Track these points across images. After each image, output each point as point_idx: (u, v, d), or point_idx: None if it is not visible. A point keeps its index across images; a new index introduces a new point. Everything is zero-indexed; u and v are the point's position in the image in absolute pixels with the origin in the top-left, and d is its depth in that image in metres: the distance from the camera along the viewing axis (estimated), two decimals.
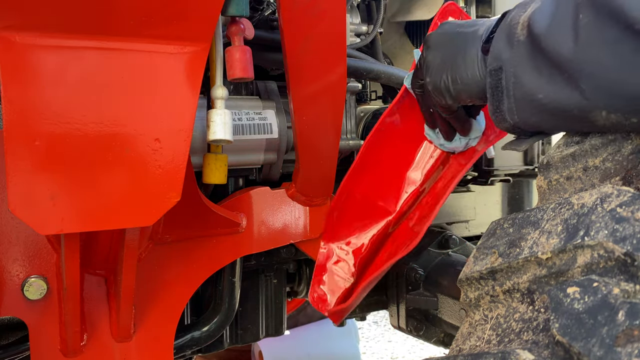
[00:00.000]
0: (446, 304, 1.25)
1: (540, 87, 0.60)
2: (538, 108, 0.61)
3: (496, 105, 0.67)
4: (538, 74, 0.60)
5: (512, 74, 0.64)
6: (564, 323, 0.43)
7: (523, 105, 0.63)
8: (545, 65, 0.59)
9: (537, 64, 0.61)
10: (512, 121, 0.65)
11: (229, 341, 1.23)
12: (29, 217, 0.65)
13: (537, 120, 0.62)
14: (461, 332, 0.60)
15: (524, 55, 0.63)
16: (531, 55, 0.61)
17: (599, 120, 0.55)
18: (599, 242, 0.46)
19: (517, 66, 0.63)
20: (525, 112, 0.63)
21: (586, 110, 0.55)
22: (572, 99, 0.56)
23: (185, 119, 0.71)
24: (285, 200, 1.10)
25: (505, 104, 0.65)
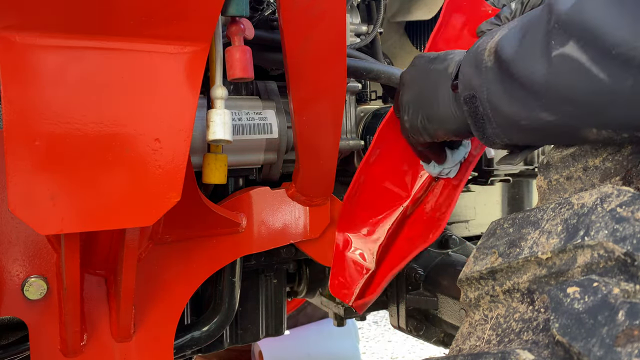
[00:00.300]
0: (446, 304, 1.25)
1: (520, 113, 0.59)
2: (524, 130, 0.61)
3: (481, 131, 0.67)
4: (512, 99, 0.60)
5: (486, 100, 0.63)
6: (564, 323, 0.43)
7: (507, 129, 0.63)
8: (516, 90, 0.59)
9: (507, 88, 0.60)
10: (502, 142, 0.66)
11: (229, 341, 1.23)
12: (29, 217, 0.65)
13: (527, 138, 0.63)
14: (461, 332, 0.60)
15: (493, 80, 0.62)
16: (500, 80, 0.61)
17: (590, 137, 0.55)
18: (599, 242, 0.46)
19: (490, 93, 0.63)
20: (512, 134, 0.63)
21: (575, 128, 0.55)
22: (557, 121, 0.56)
23: (185, 119, 0.71)
24: (285, 200, 1.10)
25: (489, 130, 0.65)
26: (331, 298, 1.40)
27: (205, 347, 1.16)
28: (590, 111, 0.52)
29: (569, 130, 0.56)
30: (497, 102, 0.62)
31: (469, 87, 0.66)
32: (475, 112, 0.65)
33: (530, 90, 0.57)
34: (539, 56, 0.56)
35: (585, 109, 0.52)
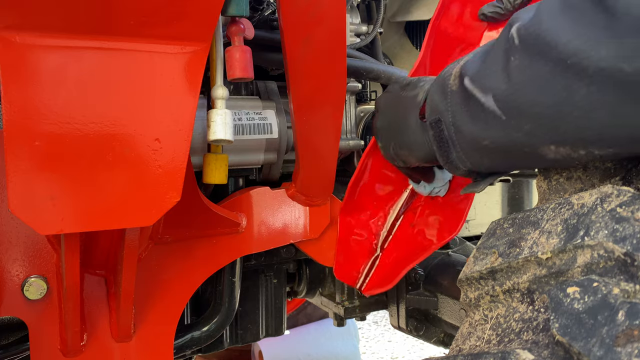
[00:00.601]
0: (446, 304, 1.25)
1: (482, 133, 0.59)
2: (487, 152, 0.61)
3: (445, 155, 0.67)
4: (475, 120, 0.60)
5: (451, 123, 0.64)
6: (564, 323, 0.43)
7: (470, 152, 0.63)
8: (478, 110, 0.59)
9: (470, 109, 0.60)
10: (465, 167, 0.65)
11: (229, 341, 1.23)
12: (29, 217, 0.65)
13: (490, 162, 0.62)
14: (461, 332, 0.60)
15: (458, 104, 0.62)
16: (464, 103, 0.61)
17: (548, 154, 0.55)
18: (599, 242, 0.46)
19: (454, 115, 0.63)
20: (475, 158, 0.63)
21: (534, 146, 0.55)
22: (518, 139, 0.56)
23: (186, 119, 0.71)
24: (285, 200, 1.10)
25: (454, 154, 0.65)
26: (331, 298, 1.40)
27: (205, 347, 1.16)
28: (548, 126, 0.52)
29: (529, 149, 0.56)
30: (461, 124, 0.62)
31: (435, 111, 0.67)
32: (440, 136, 0.66)
33: (492, 108, 0.57)
34: (499, 74, 0.56)
35: (544, 123, 0.52)
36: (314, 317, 2.13)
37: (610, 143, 0.49)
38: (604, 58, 0.45)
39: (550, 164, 0.58)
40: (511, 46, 0.55)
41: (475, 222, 1.56)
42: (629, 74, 0.44)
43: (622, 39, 0.44)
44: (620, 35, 0.44)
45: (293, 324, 2.09)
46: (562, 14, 0.49)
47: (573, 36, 0.47)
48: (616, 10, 0.44)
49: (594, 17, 0.46)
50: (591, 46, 0.46)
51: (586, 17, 0.46)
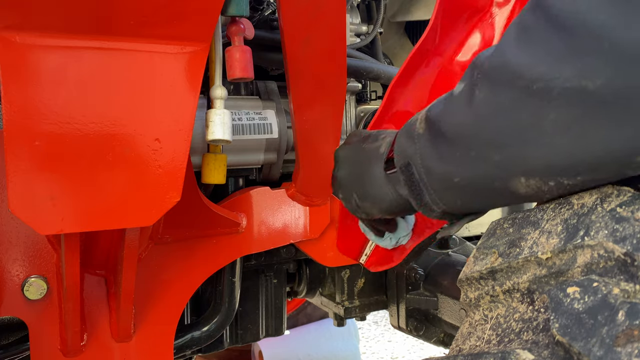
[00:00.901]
0: (446, 304, 1.25)
1: (452, 171, 0.59)
2: (459, 191, 0.60)
3: (419, 199, 0.66)
4: (444, 159, 0.59)
5: (420, 165, 0.63)
6: (564, 323, 0.43)
7: (443, 192, 0.62)
8: (446, 148, 0.59)
9: (438, 149, 0.60)
10: (439, 209, 0.65)
11: (229, 341, 1.23)
12: (29, 217, 0.65)
13: (463, 202, 0.61)
14: (461, 332, 0.60)
15: (426, 145, 0.62)
16: (432, 144, 0.61)
17: (520, 189, 0.53)
18: (599, 242, 0.46)
19: (423, 158, 0.63)
20: (448, 198, 0.62)
21: (505, 179, 0.54)
22: (488, 173, 0.55)
23: (185, 119, 0.71)
24: (285, 200, 1.10)
25: (427, 196, 0.65)
26: (331, 298, 1.40)
27: (205, 347, 1.16)
28: (517, 156, 0.51)
29: (500, 184, 0.55)
30: (431, 165, 0.62)
31: (404, 156, 0.66)
32: (411, 179, 0.66)
33: (460, 144, 0.56)
34: (465, 109, 0.55)
35: (513, 154, 0.51)
36: (314, 317, 2.13)
37: (578, 170, 0.48)
38: (567, 78, 0.44)
39: (521, 201, 0.56)
40: (476, 80, 0.54)
41: (475, 222, 1.56)
42: (593, 91, 0.43)
43: (582, 56, 0.43)
44: (579, 52, 0.43)
45: (293, 324, 2.09)
46: (521, 41, 0.49)
47: (535, 60, 0.47)
48: (571, 26, 0.43)
49: (552, 38, 0.45)
50: (553, 68, 0.45)
51: (544, 38, 0.46)
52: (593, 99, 0.43)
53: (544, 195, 0.53)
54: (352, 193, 0.80)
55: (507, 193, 0.55)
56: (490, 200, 0.59)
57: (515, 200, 0.56)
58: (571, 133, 0.46)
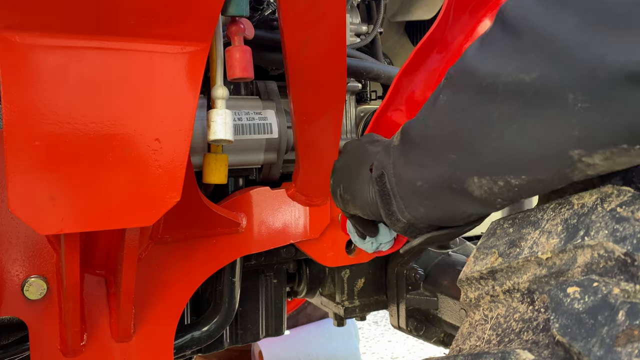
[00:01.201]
0: (446, 304, 1.25)
1: (417, 176, 0.61)
2: (422, 197, 0.62)
3: (387, 208, 0.68)
4: (411, 165, 0.62)
5: (392, 175, 0.66)
6: (564, 323, 0.43)
7: (409, 200, 0.64)
8: (414, 153, 0.61)
9: (408, 156, 0.63)
10: (405, 219, 0.66)
11: (229, 341, 1.23)
12: (29, 217, 0.65)
13: (426, 209, 0.63)
14: (461, 332, 0.60)
15: (398, 155, 0.65)
16: (404, 152, 0.64)
17: (474, 190, 0.55)
18: (599, 242, 0.46)
19: (395, 167, 0.65)
20: (413, 206, 0.64)
21: (460, 180, 0.56)
22: (446, 173, 0.57)
23: (186, 119, 0.71)
24: (285, 200, 1.10)
25: (394, 205, 0.67)
26: (331, 298, 1.40)
27: (205, 347, 1.16)
28: (470, 154, 0.54)
29: (457, 185, 0.57)
30: (400, 172, 0.64)
31: (379, 167, 0.69)
32: (383, 189, 0.68)
33: (424, 147, 0.59)
34: (430, 112, 0.59)
35: (466, 151, 0.54)
36: (314, 317, 2.13)
37: (522, 167, 0.50)
38: (509, 73, 0.47)
39: (476, 207, 0.59)
40: (441, 87, 0.58)
41: None
42: (529, 84, 0.46)
43: (523, 53, 0.46)
44: (521, 50, 0.46)
45: (293, 324, 2.09)
46: (480, 47, 0.52)
47: (486, 61, 0.50)
48: (517, 29, 0.47)
49: (502, 40, 0.49)
50: (499, 65, 0.48)
51: (497, 42, 0.50)
52: (529, 92, 0.46)
53: (496, 199, 0.55)
54: (340, 183, 0.83)
55: (463, 196, 0.57)
56: (448, 207, 0.61)
57: (471, 205, 0.58)
58: (513, 128, 0.48)
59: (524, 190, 0.53)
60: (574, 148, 0.45)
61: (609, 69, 0.40)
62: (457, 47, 1.06)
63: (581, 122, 0.44)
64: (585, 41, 0.41)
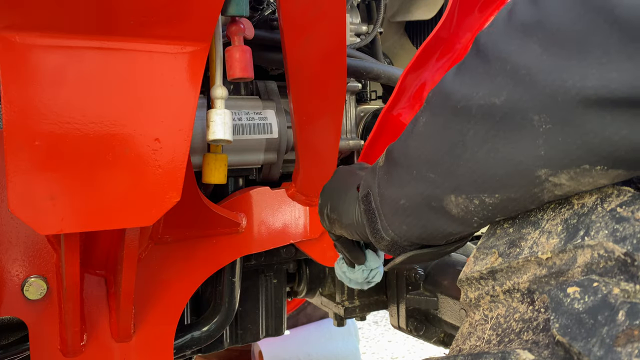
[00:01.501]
0: (446, 304, 1.25)
1: (399, 192, 0.63)
2: (404, 214, 0.64)
3: (372, 226, 0.70)
4: (394, 183, 0.64)
5: (377, 194, 0.68)
6: (564, 323, 0.43)
7: (392, 218, 0.66)
8: (398, 173, 0.63)
9: (392, 175, 0.65)
10: (389, 237, 0.68)
11: (229, 341, 1.23)
12: (28, 217, 0.65)
13: (408, 227, 0.65)
14: (461, 332, 0.60)
15: (383, 175, 0.67)
16: (388, 172, 0.66)
17: (452, 208, 0.57)
18: (599, 242, 0.46)
19: (380, 186, 0.67)
20: (396, 224, 0.66)
21: (439, 198, 0.58)
22: (426, 191, 0.59)
23: (185, 118, 0.71)
24: (285, 200, 1.10)
25: (379, 224, 0.68)
26: (331, 298, 1.40)
27: (205, 347, 1.16)
28: (447, 172, 0.56)
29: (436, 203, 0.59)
30: (385, 191, 0.66)
31: (366, 186, 0.71)
32: (369, 208, 0.70)
33: (406, 167, 0.62)
34: (410, 133, 0.62)
35: (444, 170, 0.56)
36: (314, 317, 2.13)
37: (494, 186, 0.52)
38: (482, 96, 0.50)
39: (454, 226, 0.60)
40: (422, 110, 0.60)
41: None
42: (499, 106, 0.48)
43: (494, 77, 0.49)
44: (492, 74, 0.49)
45: (293, 324, 2.09)
46: (457, 72, 0.55)
47: (462, 84, 0.53)
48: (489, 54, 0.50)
49: (477, 66, 0.52)
50: (473, 89, 0.51)
51: (471, 68, 0.52)
52: (499, 114, 0.49)
53: (472, 217, 0.57)
54: (328, 203, 0.84)
55: (441, 214, 0.59)
56: (428, 225, 0.62)
57: (450, 224, 0.60)
58: (486, 148, 0.51)
59: (498, 209, 0.55)
60: (541, 167, 0.48)
61: (568, 93, 0.43)
62: (465, 45, 1.07)
63: (546, 143, 0.46)
64: (548, 67, 0.44)
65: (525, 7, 0.48)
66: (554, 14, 0.45)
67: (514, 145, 0.49)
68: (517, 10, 0.49)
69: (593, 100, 0.42)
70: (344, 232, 0.81)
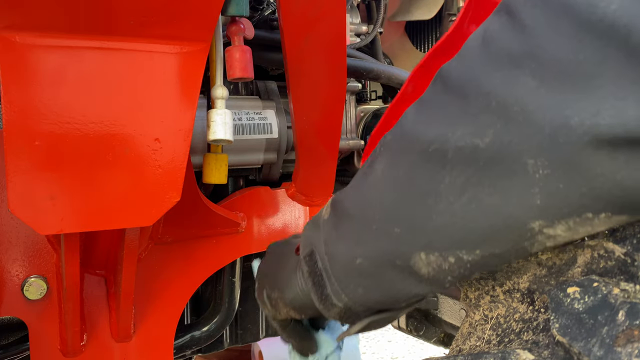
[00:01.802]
0: (446, 304, 1.25)
1: (355, 252, 0.54)
2: (361, 275, 0.54)
3: (320, 291, 0.59)
4: (347, 239, 0.55)
5: (324, 252, 0.58)
6: (564, 323, 0.43)
7: (345, 280, 0.56)
8: (351, 227, 0.54)
9: (343, 230, 0.55)
10: (341, 303, 0.58)
11: (229, 341, 1.23)
12: (28, 217, 0.65)
13: (365, 290, 0.55)
14: (461, 332, 0.60)
15: (330, 230, 0.58)
16: (336, 226, 0.57)
17: (421, 267, 0.49)
18: (599, 242, 0.46)
19: (327, 243, 0.58)
20: (350, 287, 0.56)
21: (406, 256, 0.49)
22: (389, 248, 0.50)
23: (185, 118, 0.71)
24: (285, 200, 1.10)
25: (328, 288, 0.58)
26: None
27: (205, 347, 1.16)
28: (417, 227, 0.47)
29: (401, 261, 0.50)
30: (334, 249, 0.56)
31: (308, 244, 0.61)
32: (314, 269, 0.59)
33: (362, 220, 0.53)
34: (364, 181, 0.53)
35: (413, 224, 0.48)
36: None
37: (475, 241, 0.45)
38: (460, 137, 0.43)
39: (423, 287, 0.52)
40: (377, 154, 0.52)
41: None
42: (483, 149, 0.41)
43: (474, 115, 0.42)
44: (471, 112, 0.42)
45: None
46: (420, 110, 0.48)
47: (431, 124, 0.46)
48: (465, 91, 0.43)
49: (447, 103, 0.45)
50: (447, 128, 0.44)
51: (440, 105, 0.45)
52: (483, 158, 0.42)
53: (445, 277, 0.49)
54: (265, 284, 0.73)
55: (408, 274, 0.51)
56: (392, 287, 0.54)
57: (418, 285, 0.52)
58: (465, 198, 0.44)
59: (477, 266, 0.48)
60: (535, 219, 0.41)
61: (572, 132, 0.37)
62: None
63: (543, 191, 0.40)
64: (547, 103, 0.38)
65: (508, 35, 0.41)
66: (550, 42, 0.38)
67: (502, 194, 0.42)
68: (495, 38, 0.42)
69: (606, 140, 0.36)
70: (290, 311, 0.69)
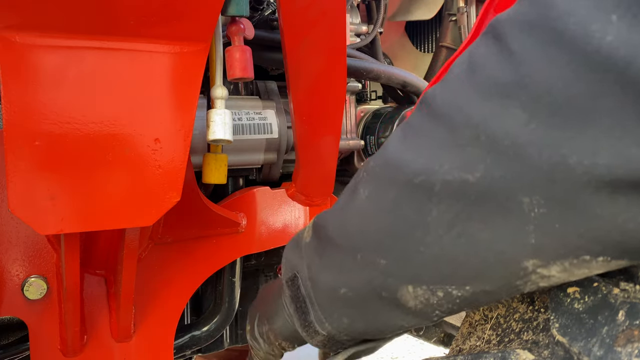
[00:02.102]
0: None
1: (338, 280, 0.52)
2: (345, 306, 0.53)
3: (303, 318, 0.58)
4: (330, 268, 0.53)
5: (307, 278, 0.56)
6: (564, 323, 0.43)
7: (329, 309, 0.55)
8: (335, 255, 0.53)
9: (326, 257, 0.54)
10: (325, 331, 0.56)
11: (229, 341, 1.23)
12: (28, 217, 0.65)
13: (350, 320, 0.54)
14: (461, 332, 0.60)
15: (312, 255, 0.56)
16: (319, 252, 0.55)
17: (408, 300, 0.47)
18: None
19: (310, 268, 0.56)
20: (334, 316, 0.55)
21: (392, 289, 0.48)
22: (375, 280, 0.48)
23: (185, 118, 0.71)
24: (285, 200, 1.10)
25: (312, 314, 0.57)
26: None
27: (205, 347, 1.16)
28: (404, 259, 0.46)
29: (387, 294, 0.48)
30: (317, 276, 0.55)
31: (290, 268, 0.60)
32: (297, 294, 0.58)
33: (346, 249, 0.51)
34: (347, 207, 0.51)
35: (399, 256, 0.46)
36: None
37: (465, 276, 0.43)
38: (448, 170, 0.40)
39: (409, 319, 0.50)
40: (360, 180, 0.50)
41: None
42: (473, 184, 0.39)
43: (463, 148, 0.39)
44: (460, 144, 0.40)
45: None
46: (404, 137, 0.46)
47: (417, 154, 0.43)
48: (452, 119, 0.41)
49: (434, 131, 0.42)
50: (434, 160, 0.41)
51: (426, 132, 0.43)
52: (474, 193, 0.39)
53: (433, 311, 0.48)
54: (255, 314, 0.72)
55: (395, 306, 0.49)
56: (377, 318, 0.52)
57: (404, 318, 0.50)
58: (454, 232, 0.41)
59: (466, 302, 0.46)
60: (529, 258, 0.39)
61: (571, 172, 0.34)
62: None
63: (538, 230, 0.37)
64: (540, 140, 0.35)
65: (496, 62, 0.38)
66: (539, 72, 0.35)
67: (494, 231, 0.40)
68: (480, 64, 0.39)
69: (606, 182, 0.33)
70: (281, 342, 0.67)
